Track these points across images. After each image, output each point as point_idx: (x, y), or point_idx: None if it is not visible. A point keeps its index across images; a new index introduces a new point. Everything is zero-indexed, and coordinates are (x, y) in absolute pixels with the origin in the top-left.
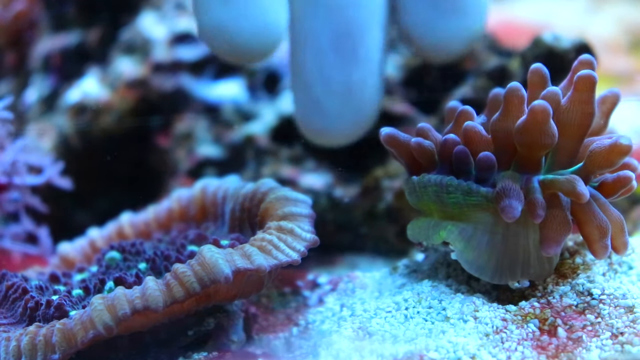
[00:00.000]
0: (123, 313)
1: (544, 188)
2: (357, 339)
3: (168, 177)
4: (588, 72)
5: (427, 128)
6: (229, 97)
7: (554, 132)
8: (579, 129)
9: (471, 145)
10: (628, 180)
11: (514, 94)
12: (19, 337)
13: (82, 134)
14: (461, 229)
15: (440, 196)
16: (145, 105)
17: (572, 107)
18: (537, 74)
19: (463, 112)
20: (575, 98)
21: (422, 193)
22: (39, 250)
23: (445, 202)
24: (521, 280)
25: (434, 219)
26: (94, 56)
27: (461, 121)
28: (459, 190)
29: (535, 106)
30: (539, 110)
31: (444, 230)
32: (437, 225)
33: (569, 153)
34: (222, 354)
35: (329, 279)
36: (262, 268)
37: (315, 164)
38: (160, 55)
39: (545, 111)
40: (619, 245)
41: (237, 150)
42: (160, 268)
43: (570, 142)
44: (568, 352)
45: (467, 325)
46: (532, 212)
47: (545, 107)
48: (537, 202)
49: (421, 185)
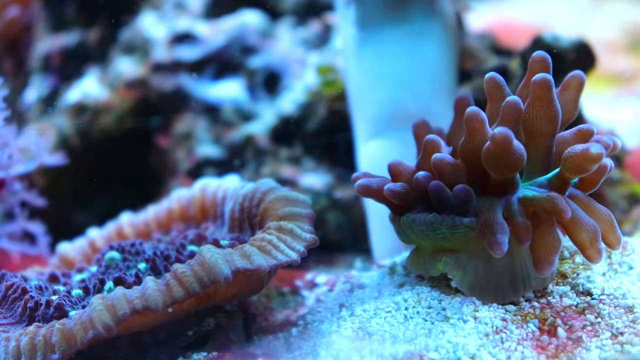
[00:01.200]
0: (123, 313)
1: (525, 206)
2: (357, 339)
3: (168, 177)
4: (541, 77)
5: (436, 143)
6: (228, 97)
7: (521, 153)
8: (546, 133)
9: (444, 177)
10: (604, 169)
11: (474, 119)
12: (18, 337)
13: (82, 134)
14: (455, 259)
15: (427, 234)
16: (145, 105)
17: (535, 113)
18: (492, 84)
19: (429, 142)
20: (536, 104)
21: (410, 232)
22: (37, 249)
23: (434, 238)
24: (525, 294)
25: (427, 252)
26: (93, 56)
27: (429, 152)
28: (443, 225)
29: (496, 135)
30: (500, 138)
31: (439, 264)
32: (432, 259)
33: (543, 158)
34: (221, 354)
35: (327, 279)
36: (261, 268)
37: (315, 164)
38: (160, 55)
39: (507, 138)
40: (612, 242)
41: (237, 150)
42: (160, 268)
43: (541, 147)
44: (568, 352)
45: (467, 325)
46: (519, 237)
47: (505, 135)
48: (521, 227)
49: (407, 226)
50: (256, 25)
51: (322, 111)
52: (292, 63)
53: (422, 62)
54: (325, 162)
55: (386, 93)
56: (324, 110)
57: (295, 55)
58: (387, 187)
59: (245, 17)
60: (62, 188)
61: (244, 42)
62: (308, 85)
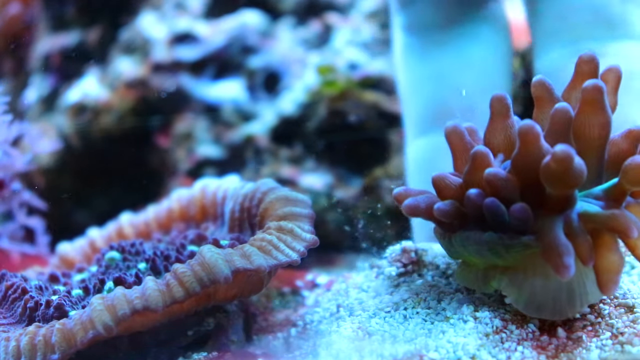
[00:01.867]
0: (123, 313)
1: (586, 222)
2: (357, 339)
3: (168, 177)
4: (593, 83)
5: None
6: (228, 97)
7: (582, 170)
8: (599, 139)
9: (498, 194)
10: None
11: (529, 132)
12: (18, 337)
13: (82, 134)
14: (510, 277)
15: (482, 253)
16: (145, 105)
17: (587, 120)
18: (541, 88)
19: (478, 155)
20: (587, 110)
21: (462, 250)
22: (36, 248)
23: (488, 256)
24: (581, 310)
25: (479, 269)
26: (94, 56)
27: (478, 165)
28: (500, 244)
29: (557, 153)
30: (561, 157)
31: (493, 281)
32: (485, 276)
33: (595, 164)
34: (221, 354)
35: (328, 279)
36: (261, 268)
37: (315, 164)
38: (160, 55)
39: (569, 156)
40: None
41: (237, 150)
42: (160, 268)
43: (593, 153)
44: (568, 352)
45: (467, 325)
46: (582, 258)
47: (567, 153)
48: (584, 247)
49: (459, 244)
50: (256, 25)
51: (322, 111)
52: (292, 63)
53: (468, 63)
54: (325, 162)
55: (430, 93)
56: (324, 110)
57: (295, 55)
58: (437, 207)
59: (245, 17)
60: (62, 188)
61: (244, 42)
62: (308, 85)
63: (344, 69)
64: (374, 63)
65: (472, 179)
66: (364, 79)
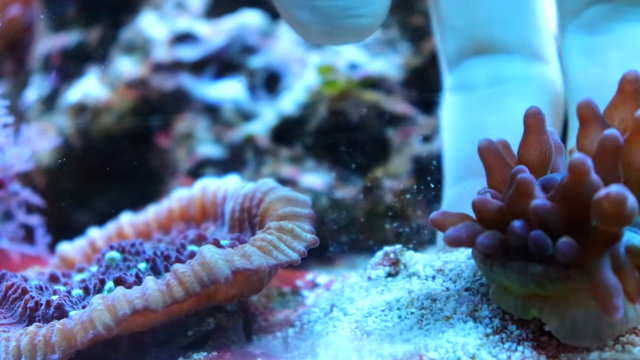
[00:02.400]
0: (123, 313)
1: (632, 256)
2: (356, 339)
3: (168, 177)
4: None
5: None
6: (229, 97)
7: (635, 208)
8: None
9: (543, 225)
10: None
11: (581, 166)
12: (18, 337)
13: (82, 134)
14: (552, 306)
15: (524, 283)
16: (145, 105)
17: (636, 149)
18: (587, 110)
19: (522, 183)
20: (637, 139)
21: (503, 278)
22: (36, 248)
23: (530, 286)
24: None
25: (518, 296)
26: (93, 56)
27: (522, 193)
28: (545, 277)
29: (612, 195)
30: (616, 199)
31: (534, 309)
32: (525, 304)
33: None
34: (221, 354)
35: (327, 278)
36: (262, 268)
37: (315, 164)
38: (160, 55)
39: (624, 199)
40: None
41: (237, 150)
42: (160, 268)
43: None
44: (568, 352)
45: (467, 325)
46: (630, 297)
47: (622, 196)
48: (632, 285)
49: (500, 273)
50: (256, 25)
51: (322, 111)
52: (292, 63)
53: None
54: (325, 162)
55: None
56: (324, 110)
57: (296, 55)
58: (480, 241)
59: (245, 16)
60: (62, 188)
61: (244, 42)
62: (308, 85)
63: (344, 69)
64: (374, 63)
65: (514, 207)
66: (364, 79)
